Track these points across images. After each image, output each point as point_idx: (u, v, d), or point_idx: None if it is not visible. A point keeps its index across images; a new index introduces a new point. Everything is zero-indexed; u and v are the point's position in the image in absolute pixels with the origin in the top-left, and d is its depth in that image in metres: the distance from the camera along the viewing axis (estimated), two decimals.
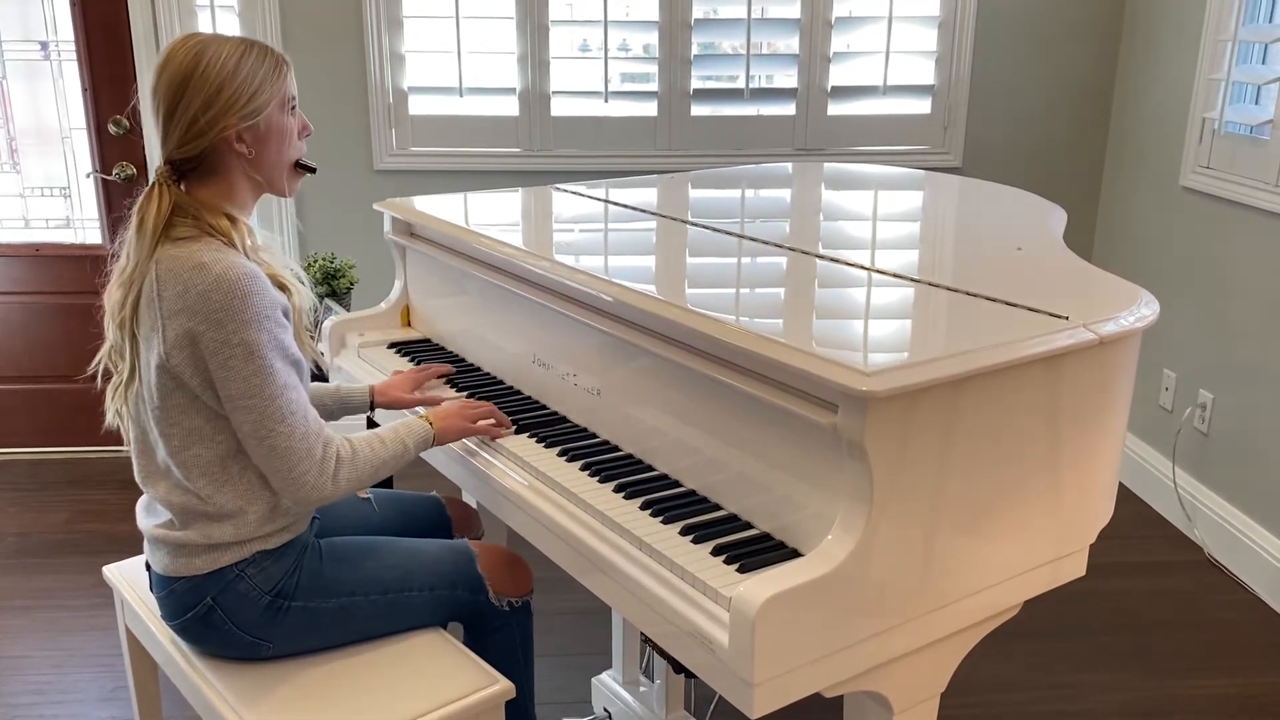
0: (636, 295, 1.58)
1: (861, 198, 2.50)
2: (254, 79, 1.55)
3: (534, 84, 3.49)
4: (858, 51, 3.55)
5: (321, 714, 1.54)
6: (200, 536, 1.56)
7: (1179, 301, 3.28)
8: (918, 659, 1.41)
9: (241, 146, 1.56)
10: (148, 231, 1.51)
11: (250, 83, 1.54)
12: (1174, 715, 2.39)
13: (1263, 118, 2.89)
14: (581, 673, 2.40)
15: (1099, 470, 1.54)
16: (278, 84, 1.59)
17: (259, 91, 1.55)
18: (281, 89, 1.59)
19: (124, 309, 1.53)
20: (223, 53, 1.53)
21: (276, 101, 1.59)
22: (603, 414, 1.74)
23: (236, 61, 1.54)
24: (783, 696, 1.26)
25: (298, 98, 1.66)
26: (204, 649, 1.66)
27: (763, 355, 1.35)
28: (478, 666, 1.65)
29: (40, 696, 2.41)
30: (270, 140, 1.59)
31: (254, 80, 1.55)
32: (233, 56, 1.54)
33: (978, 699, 2.42)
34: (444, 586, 1.72)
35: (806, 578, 1.22)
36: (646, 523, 1.47)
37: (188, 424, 1.54)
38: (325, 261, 2.90)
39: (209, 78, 1.51)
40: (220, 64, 1.52)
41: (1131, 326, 1.48)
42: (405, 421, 1.69)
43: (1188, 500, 3.20)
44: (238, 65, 1.54)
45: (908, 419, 1.26)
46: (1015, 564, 1.46)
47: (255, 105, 1.56)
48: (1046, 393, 1.41)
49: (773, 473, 1.41)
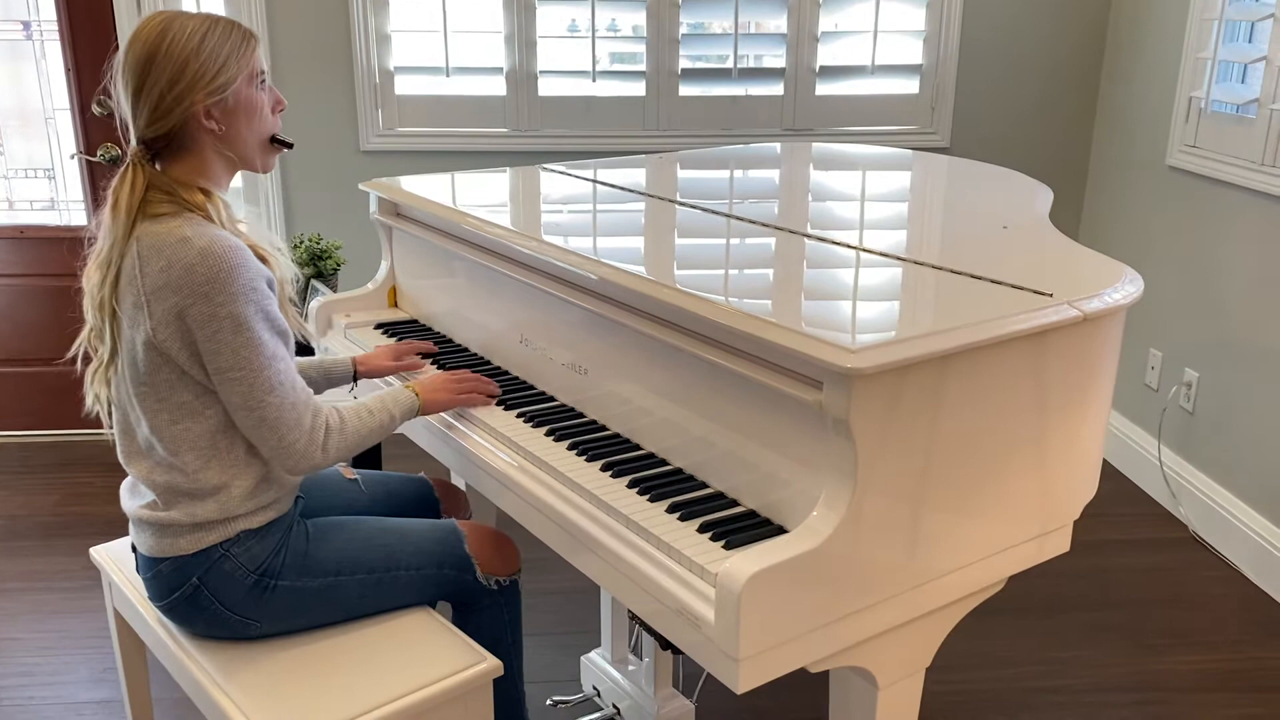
0: (623, 274, 1.59)
1: (849, 178, 2.50)
2: (219, 54, 1.54)
3: (521, 64, 3.48)
4: (846, 31, 3.54)
5: (309, 692, 1.55)
6: (184, 516, 1.57)
7: (1165, 280, 3.29)
8: (902, 634, 1.42)
9: (211, 123, 1.56)
10: (122, 211, 1.51)
11: (216, 58, 1.54)
12: (1157, 690, 2.41)
13: (1249, 96, 2.89)
14: (571, 651, 2.41)
15: (1083, 446, 1.55)
16: (244, 58, 1.58)
17: (225, 66, 1.55)
18: (249, 63, 1.59)
19: (103, 289, 1.53)
20: (188, 28, 1.53)
21: (244, 76, 1.58)
22: (590, 393, 1.74)
23: (201, 37, 1.53)
24: (768, 671, 1.27)
25: (268, 72, 1.65)
26: (191, 629, 1.66)
27: (749, 334, 1.35)
28: (465, 645, 1.66)
29: (30, 678, 2.41)
30: (239, 115, 1.58)
31: (219, 55, 1.54)
32: (197, 32, 1.53)
33: (962, 676, 2.44)
34: (431, 565, 1.73)
35: (791, 554, 1.23)
36: (633, 501, 1.48)
37: (176, 399, 1.54)
38: (311, 243, 2.89)
39: (173, 54, 1.51)
40: (185, 40, 1.52)
41: (1115, 303, 1.49)
42: (391, 391, 1.70)
43: (1172, 478, 3.22)
44: (202, 41, 1.53)
45: (892, 396, 1.27)
46: (999, 540, 1.47)
47: (222, 80, 1.55)
48: (1031, 369, 1.42)
49: (759, 450, 1.42)
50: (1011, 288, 1.50)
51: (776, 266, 1.74)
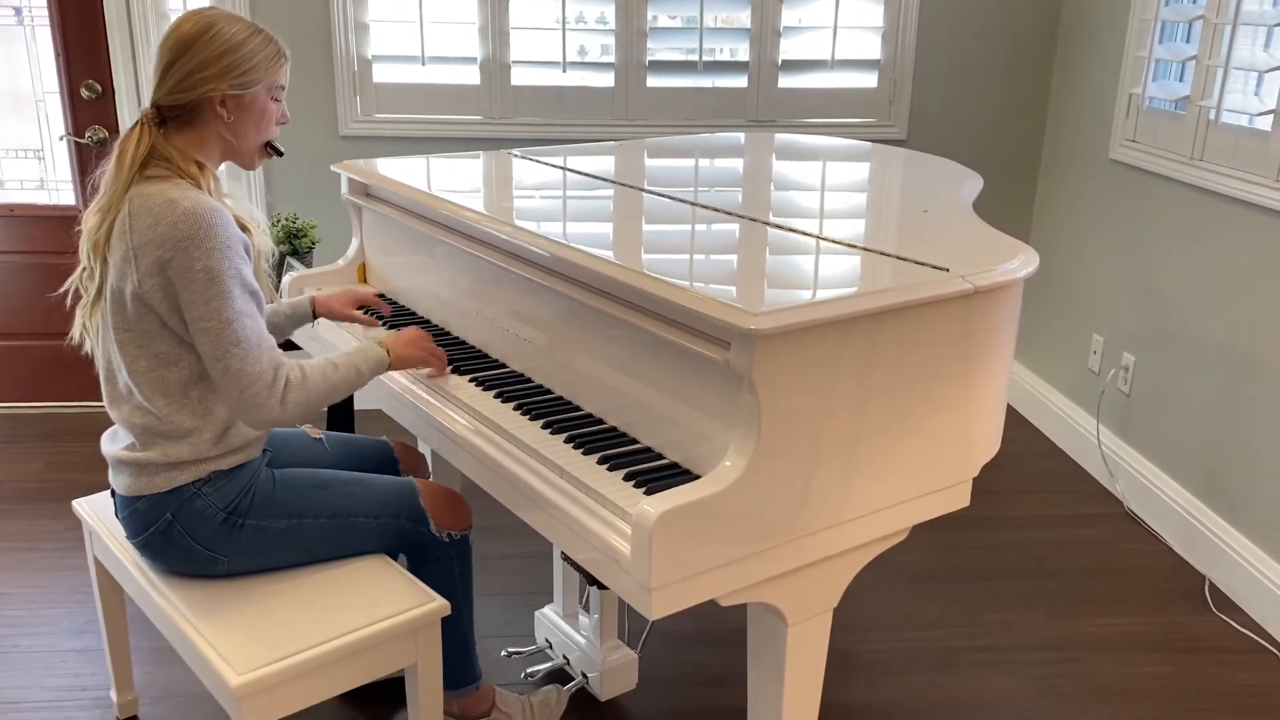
0: (562, 247, 1.73)
1: (799, 167, 2.64)
2: (253, 57, 1.73)
3: (494, 54, 3.61)
4: (807, 26, 3.68)
5: (273, 626, 1.70)
6: (160, 455, 1.71)
7: (1109, 269, 3.45)
8: (807, 575, 1.57)
9: (223, 110, 1.73)
10: (125, 164, 1.68)
11: (250, 59, 1.73)
12: (1077, 650, 2.57)
13: (1182, 93, 3.04)
14: (526, 611, 2.55)
15: (981, 409, 1.70)
16: (273, 70, 1.77)
17: (254, 69, 1.73)
18: (274, 76, 1.78)
19: (98, 232, 1.70)
20: (233, 27, 1.72)
21: (266, 84, 1.76)
22: (536, 360, 1.89)
23: (244, 39, 1.72)
24: (679, 601, 1.42)
25: (286, 89, 1.83)
26: (165, 565, 1.81)
27: (669, 300, 1.50)
28: (416, 587, 1.81)
29: (15, 629, 2.55)
30: (250, 114, 1.76)
31: (253, 58, 1.73)
32: (241, 33, 1.72)
33: (890, 635, 2.60)
34: (388, 515, 1.88)
35: (699, 495, 1.38)
36: (568, 453, 1.63)
37: (154, 349, 1.69)
38: (288, 222, 3.03)
39: (214, 44, 1.70)
40: (229, 36, 1.71)
41: (1005, 278, 1.64)
42: (361, 347, 1.83)
43: (1110, 457, 3.38)
44: (244, 41, 1.72)
45: (792, 356, 1.41)
46: (898, 493, 1.62)
47: (247, 79, 1.73)
48: (927, 336, 1.56)
49: (682, 409, 1.57)
50: (915, 264, 1.65)
51: (710, 244, 1.88)
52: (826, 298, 1.48)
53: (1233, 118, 2.84)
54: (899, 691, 2.40)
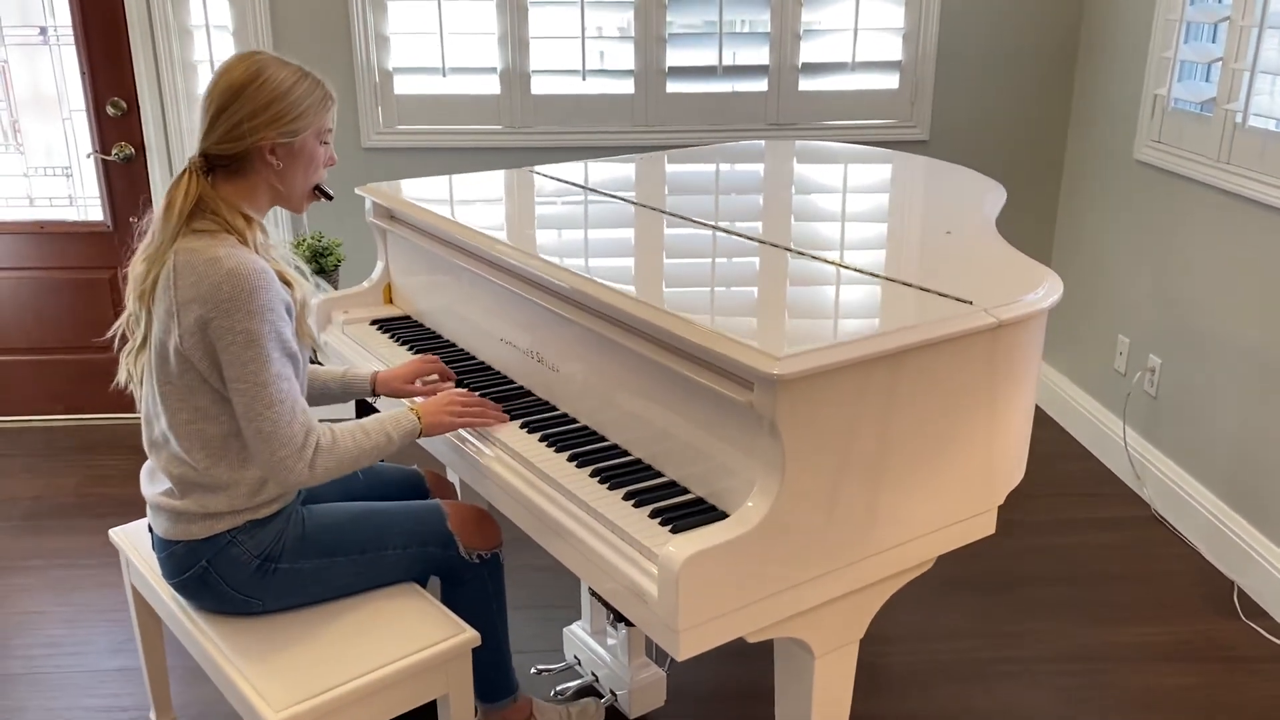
0: (592, 285, 1.74)
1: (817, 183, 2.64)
2: (301, 103, 1.73)
3: (514, 63, 3.62)
4: (827, 29, 3.67)
5: (306, 662, 1.73)
6: (197, 506, 1.74)
7: (1134, 270, 3.43)
8: (833, 609, 1.58)
9: (273, 159, 1.74)
10: (174, 214, 1.69)
11: (298, 105, 1.73)
12: (1104, 660, 2.57)
13: (1209, 95, 3.02)
14: (554, 624, 2.58)
15: (1006, 440, 1.71)
16: (320, 114, 1.77)
17: (303, 115, 1.74)
18: (322, 121, 1.78)
19: (145, 282, 1.72)
20: (282, 73, 1.72)
21: (314, 129, 1.77)
22: (560, 388, 1.91)
23: (292, 85, 1.72)
24: (706, 641, 1.44)
25: (334, 132, 1.84)
26: (201, 605, 1.84)
27: (690, 340, 1.51)
28: (447, 618, 1.83)
29: (56, 649, 2.60)
30: (299, 161, 1.77)
31: (301, 104, 1.73)
32: (289, 79, 1.72)
33: (917, 647, 2.61)
34: (416, 544, 1.90)
35: (725, 538, 1.39)
36: (593, 488, 1.65)
37: (194, 402, 1.71)
38: (313, 240, 3.06)
39: (264, 91, 1.70)
40: (277, 83, 1.71)
41: (1029, 310, 1.64)
42: (393, 413, 1.82)
43: (1137, 459, 3.37)
44: (292, 88, 1.72)
45: (816, 399, 1.42)
46: (923, 525, 1.63)
47: (296, 126, 1.73)
48: (951, 371, 1.57)
49: (707, 443, 1.58)
50: (937, 295, 1.66)
51: (732, 275, 1.89)
52: (849, 338, 1.48)
53: (1260, 121, 2.81)
54: (927, 704, 2.41)
